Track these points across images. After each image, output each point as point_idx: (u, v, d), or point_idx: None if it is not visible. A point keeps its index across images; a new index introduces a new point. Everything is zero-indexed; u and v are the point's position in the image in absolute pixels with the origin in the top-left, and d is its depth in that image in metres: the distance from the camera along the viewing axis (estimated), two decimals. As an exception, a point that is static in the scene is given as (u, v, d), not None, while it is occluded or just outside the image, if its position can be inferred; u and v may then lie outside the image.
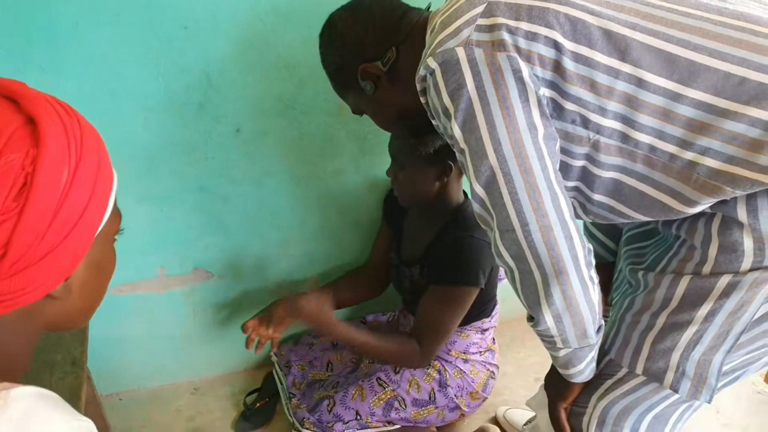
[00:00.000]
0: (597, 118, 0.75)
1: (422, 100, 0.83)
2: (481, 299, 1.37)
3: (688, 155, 0.73)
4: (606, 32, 0.71)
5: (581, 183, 0.83)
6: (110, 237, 0.55)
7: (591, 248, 0.80)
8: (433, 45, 0.76)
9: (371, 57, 0.91)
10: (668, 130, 0.73)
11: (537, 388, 1.69)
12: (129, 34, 1.15)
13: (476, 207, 0.81)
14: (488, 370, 1.50)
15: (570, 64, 0.72)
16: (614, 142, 0.76)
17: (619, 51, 0.71)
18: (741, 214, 0.75)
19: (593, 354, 0.88)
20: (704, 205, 0.76)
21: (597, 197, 0.83)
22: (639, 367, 0.87)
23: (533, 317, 0.83)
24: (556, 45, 0.71)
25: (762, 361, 0.84)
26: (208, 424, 1.61)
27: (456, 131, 0.76)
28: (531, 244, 0.76)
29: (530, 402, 1.14)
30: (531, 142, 0.73)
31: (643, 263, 0.91)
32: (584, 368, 0.89)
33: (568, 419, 0.99)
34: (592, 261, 0.80)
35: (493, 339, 1.55)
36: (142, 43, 1.17)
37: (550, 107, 0.75)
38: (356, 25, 0.92)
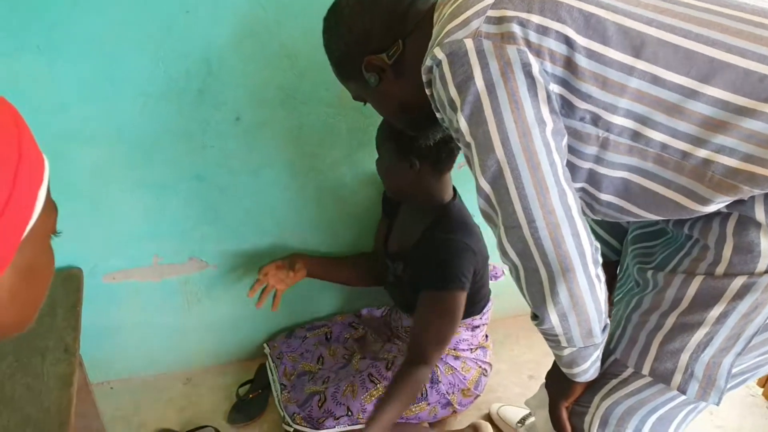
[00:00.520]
0: (608, 116, 0.73)
1: (427, 92, 0.81)
2: (471, 297, 1.36)
3: (702, 153, 0.72)
4: (621, 28, 0.70)
5: (588, 184, 0.81)
6: (44, 236, 0.46)
7: (598, 246, 0.78)
8: (441, 35, 0.74)
9: (377, 49, 0.89)
10: (682, 128, 0.71)
11: (531, 386, 1.70)
12: (129, 17, 1.13)
13: (481, 203, 0.79)
14: (480, 368, 1.49)
15: (582, 61, 0.70)
16: (624, 141, 0.75)
17: (634, 47, 0.70)
18: (759, 214, 0.74)
19: (598, 353, 0.87)
20: (719, 204, 0.75)
21: (605, 197, 0.82)
22: (646, 368, 0.85)
23: (537, 315, 0.82)
24: (568, 40, 0.70)
25: None
26: (200, 415, 1.60)
27: (462, 124, 0.74)
28: (537, 242, 0.74)
29: (529, 401, 1.13)
30: (540, 137, 0.72)
31: (652, 262, 0.90)
32: (589, 367, 0.88)
33: (570, 418, 0.97)
34: (599, 259, 0.79)
35: (486, 336, 1.55)
36: (142, 27, 1.15)
37: (560, 104, 0.74)
38: (363, 14, 0.89)
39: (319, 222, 1.58)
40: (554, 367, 0.98)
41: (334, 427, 1.36)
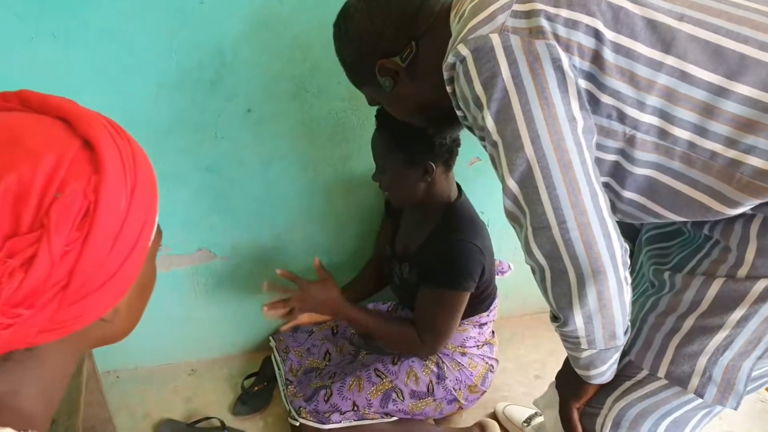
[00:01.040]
0: (634, 113, 0.72)
1: (448, 89, 0.79)
2: (478, 295, 1.36)
3: (731, 153, 0.70)
4: (650, 22, 0.68)
5: (612, 179, 0.79)
6: (153, 255, 0.54)
7: (628, 248, 0.76)
8: (464, 32, 0.72)
9: (389, 52, 0.87)
10: (710, 127, 0.70)
11: (537, 385, 1.70)
12: (143, 6, 1.13)
13: (507, 203, 0.76)
14: (487, 364, 1.49)
15: (609, 55, 0.69)
16: (651, 138, 0.73)
17: (664, 42, 0.68)
18: None
19: (617, 356, 0.85)
20: (747, 207, 0.73)
21: (628, 194, 0.80)
22: (661, 371, 0.84)
23: (558, 317, 0.80)
24: (597, 34, 0.68)
25: None
26: (205, 406, 1.60)
27: (489, 122, 0.72)
28: (568, 243, 0.72)
29: (538, 401, 1.12)
30: (571, 135, 0.70)
31: (668, 263, 0.88)
32: (606, 370, 0.86)
33: (581, 420, 0.96)
34: (628, 261, 0.76)
35: (493, 332, 1.54)
36: (156, 16, 1.15)
37: (586, 99, 0.72)
38: (373, 18, 0.87)
39: (328, 215, 1.58)
40: (565, 367, 0.96)
41: (340, 422, 1.35)
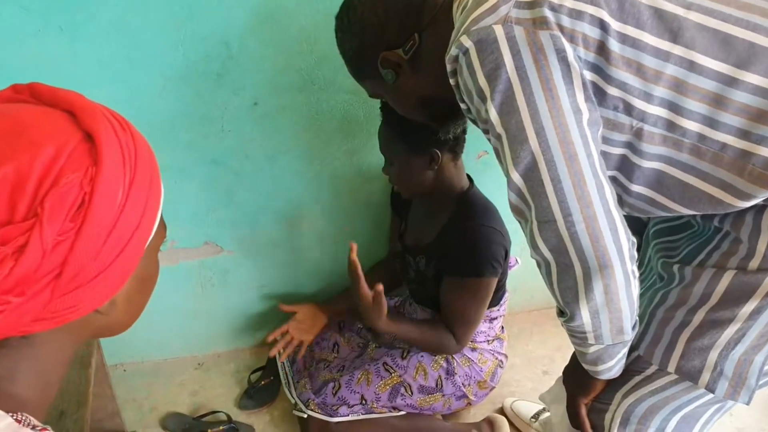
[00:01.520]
0: (642, 105, 0.70)
1: (451, 82, 0.78)
2: None
3: (742, 144, 0.69)
4: (657, 11, 0.67)
5: (619, 173, 0.78)
6: (156, 249, 0.54)
7: (635, 241, 0.75)
8: (467, 23, 0.71)
9: (392, 44, 0.87)
10: (720, 118, 0.69)
11: (544, 381, 1.69)
12: (150, -1, 1.13)
13: (512, 197, 0.75)
14: (496, 359, 1.48)
15: (615, 46, 0.68)
16: (659, 131, 0.72)
17: (671, 32, 0.67)
18: None
19: (625, 351, 0.84)
20: (759, 199, 0.72)
21: (636, 188, 0.79)
22: (671, 365, 0.83)
23: (565, 312, 0.79)
24: (602, 24, 0.67)
25: None
26: (211, 400, 1.61)
27: (492, 114, 0.71)
28: (574, 236, 0.71)
29: (544, 396, 1.11)
30: (576, 127, 0.69)
31: (677, 256, 0.87)
32: (614, 365, 0.85)
33: (588, 415, 0.95)
34: (635, 254, 0.75)
35: (502, 327, 1.53)
36: (163, 8, 1.14)
37: (592, 91, 0.71)
38: (376, 9, 0.87)
39: (334, 209, 1.57)
40: (572, 363, 0.95)
41: (348, 415, 1.35)
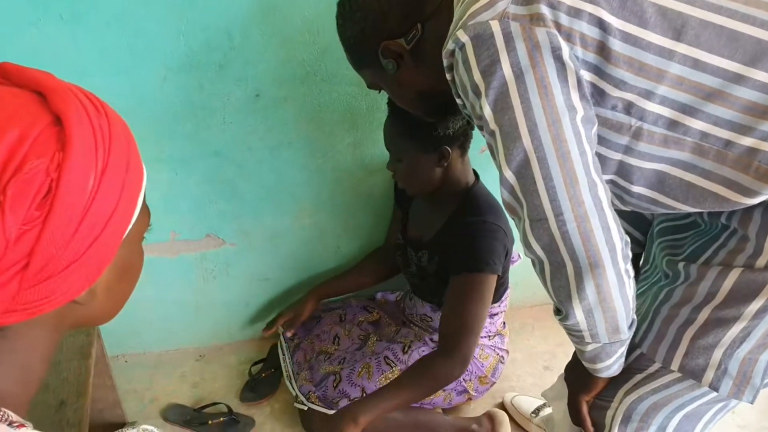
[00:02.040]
0: (642, 103, 0.69)
1: (448, 77, 0.78)
2: None
3: (747, 141, 0.68)
4: (659, 8, 0.66)
5: (618, 176, 0.78)
6: (138, 237, 0.52)
7: (629, 240, 0.75)
8: (465, 17, 0.70)
9: (394, 33, 0.85)
10: (725, 115, 0.68)
11: (546, 377, 1.68)
12: (152, -13, 1.12)
13: (505, 194, 0.75)
14: (498, 355, 1.47)
15: (617, 45, 0.67)
16: (659, 130, 0.71)
17: (674, 29, 0.66)
18: None
19: (623, 349, 0.83)
20: (766, 196, 0.71)
21: (637, 189, 0.78)
22: (675, 363, 0.82)
23: (561, 311, 0.79)
24: (602, 24, 0.66)
25: None
26: (213, 392, 1.61)
27: (486, 111, 0.71)
28: (565, 235, 0.71)
29: (546, 393, 1.11)
30: (569, 125, 0.68)
31: (682, 254, 0.86)
32: (612, 363, 0.84)
33: (590, 412, 0.94)
34: (629, 254, 0.75)
35: (504, 323, 1.53)
36: (165, -2, 1.14)
37: (590, 92, 0.70)
38: None
39: (336, 202, 1.56)
40: (575, 360, 0.95)
41: (348, 409, 1.35)
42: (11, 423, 0.43)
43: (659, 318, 0.85)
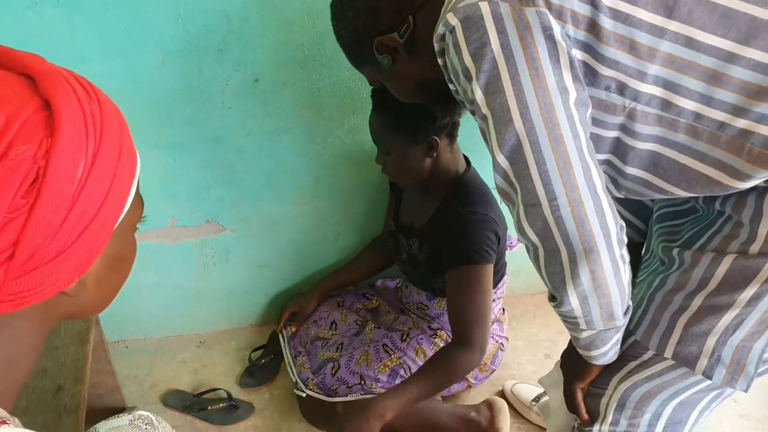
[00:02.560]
0: (635, 84, 0.68)
1: (440, 62, 0.77)
2: None
3: (741, 123, 0.67)
4: None
5: (613, 156, 0.77)
6: (130, 227, 0.50)
7: (624, 225, 0.74)
8: (454, 0, 0.69)
9: (387, 28, 0.84)
10: (718, 96, 0.66)
11: (546, 364, 1.68)
12: (148, -31, 1.11)
13: (498, 179, 0.74)
14: (497, 342, 1.47)
15: (607, 23, 0.65)
16: (653, 110, 0.70)
17: (666, 6, 0.65)
18: None
19: (618, 336, 0.83)
20: (758, 180, 0.70)
21: (631, 171, 0.77)
22: (668, 351, 0.81)
23: (555, 297, 0.78)
24: (592, 1, 0.65)
25: None
26: (213, 378, 1.61)
27: (477, 94, 0.69)
28: (558, 220, 0.69)
29: (543, 380, 1.10)
30: (562, 108, 0.67)
31: (678, 240, 0.85)
32: (608, 350, 0.84)
33: (585, 399, 0.94)
34: (625, 239, 0.74)
35: (503, 310, 1.52)
36: (162, -20, 1.12)
37: (583, 72, 0.69)
38: None
39: (335, 188, 1.56)
40: (570, 347, 0.94)
41: (347, 396, 1.35)
42: None
43: (653, 305, 0.84)
